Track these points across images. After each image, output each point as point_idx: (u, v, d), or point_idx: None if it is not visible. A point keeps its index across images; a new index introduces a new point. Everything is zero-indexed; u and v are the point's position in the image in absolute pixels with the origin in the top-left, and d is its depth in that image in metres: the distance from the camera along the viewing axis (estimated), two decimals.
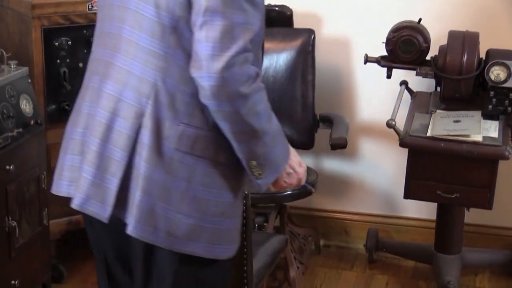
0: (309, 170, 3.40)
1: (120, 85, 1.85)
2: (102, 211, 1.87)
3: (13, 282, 2.96)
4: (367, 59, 3.33)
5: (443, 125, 3.02)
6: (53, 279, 3.32)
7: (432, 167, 3.00)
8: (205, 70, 1.73)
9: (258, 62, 1.90)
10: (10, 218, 2.93)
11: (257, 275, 2.44)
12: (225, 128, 1.80)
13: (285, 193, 3.24)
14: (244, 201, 2.18)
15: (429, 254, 3.41)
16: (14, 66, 3.04)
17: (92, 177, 1.87)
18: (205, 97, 1.77)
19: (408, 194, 3.06)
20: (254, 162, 1.85)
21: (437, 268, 3.33)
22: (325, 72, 3.65)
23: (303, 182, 2.03)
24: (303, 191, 3.26)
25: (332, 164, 3.80)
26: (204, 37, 1.73)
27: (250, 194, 2.21)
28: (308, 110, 3.47)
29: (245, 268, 2.27)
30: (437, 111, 3.16)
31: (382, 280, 3.56)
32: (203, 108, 1.81)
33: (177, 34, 1.79)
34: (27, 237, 3.04)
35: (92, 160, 1.87)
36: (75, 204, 1.91)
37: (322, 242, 3.83)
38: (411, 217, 3.75)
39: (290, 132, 3.48)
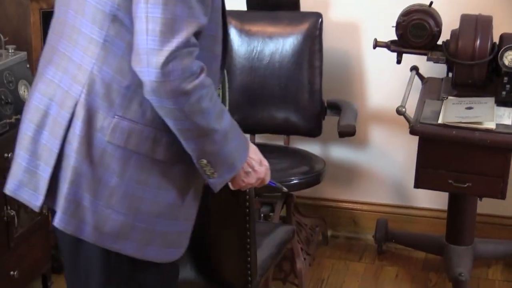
0: (316, 159, 3.44)
1: (61, 71, 1.84)
2: (34, 200, 1.87)
3: (12, 272, 2.96)
4: (376, 44, 3.32)
5: (455, 112, 3.01)
6: (53, 270, 3.32)
7: (443, 155, 2.99)
8: (145, 65, 1.69)
9: (215, 58, 1.86)
10: (8, 207, 2.92)
11: (262, 266, 2.43)
12: (170, 124, 1.76)
13: (292, 182, 3.23)
14: (248, 190, 2.18)
15: (440, 245, 3.41)
16: (12, 50, 3.03)
17: (26, 163, 1.87)
18: (146, 92, 1.73)
19: (418, 184, 3.05)
20: (204, 161, 1.81)
21: (449, 260, 3.33)
22: (333, 57, 3.64)
23: (266, 181, 2.00)
24: (311, 179, 3.26)
25: (340, 152, 3.79)
26: (144, 30, 1.69)
27: None
28: (315, 96, 3.46)
29: (249, 259, 2.27)
30: (449, 97, 3.15)
31: (391, 271, 3.56)
32: (141, 102, 1.77)
33: (118, 23, 1.76)
34: (26, 227, 3.03)
35: (27, 146, 1.87)
36: (8, 190, 1.91)
37: (329, 233, 3.83)
38: (421, 207, 3.75)
39: (297, 119, 3.48)
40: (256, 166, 1.94)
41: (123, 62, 1.76)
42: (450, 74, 3.26)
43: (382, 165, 3.76)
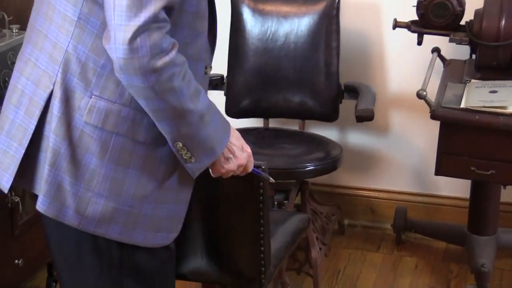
0: (332, 144, 3.43)
1: (37, 49, 1.85)
2: (4, 180, 1.88)
3: (16, 261, 2.98)
4: (396, 24, 3.30)
5: (478, 95, 2.99)
6: None
7: (465, 141, 2.97)
8: (113, 42, 1.68)
9: (198, 35, 1.84)
10: (13, 194, 2.93)
11: (276, 256, 2.43)
12: (142, 105, 1.76)
13: (307, 168, 3.23)
14: (261, 176, 2.16)
15: (461, 235, 3.40)
16: (16, 30, 3.03)
17: (1, 144, 1.89)
18: (116, 70, 1.72)
19: (439, 171, 3.04)
20: (179, 144, 1.80)
21: (471, 250, 3.32)
22: (350, 38, 3.62)
23: (249, 169, 1.98)
24: (327, 166, 3.25)
25: (357, 138, 3.79)
26: (112, 5, 1.67)
27: (268, 168, 2.19)
28: (332, 79, 3.45)
29: (262, 248, 2.26)
30: (472, 80, 3.13)
31: (410, 262, 3.56)
32: (118, 81, 1.76)
33: (92, 0, 1.76)
34: (31, 214, 3.04)
35: (2, 126, 1.89)
36: None
37: (346, 222, 3.83)
38: (442, 195, 3.75)
39: (313, 103, 3.47)
40: (237, 152, 1.92)
41: (98, 41, 1.76)
42: (474, 56, 3.24)
43: (401, 151, 3.76)
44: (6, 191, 1.91)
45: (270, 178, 2.11)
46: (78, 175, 1.81)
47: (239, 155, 1.93)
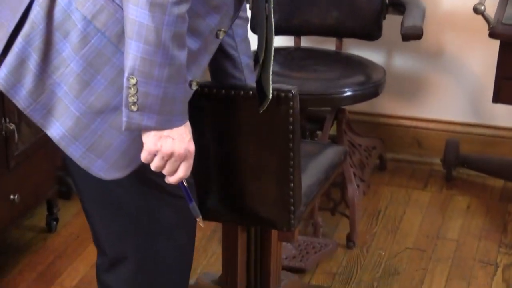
0: (374, 67, 3.41)
1: None
2: None
3: (12, 196, 2.99)
4: None
5: None
6: (59, 194, 3.37)
7: None
8: None
9: None
10: (7, 120, 2.93)
11: (307, 194, 2.43)
12: (125, 9, 1.80)
13: (344, 94, 3.20)
14: (291, 103, 2.15)
15: None
16: None
17: None
18: None
19: (498, 98, 3.05)
20: (133, 80, 1.81)
21: None
22: None
23: (181, 174, 1.91)
24: (367, 91, 3.24)
25: (403, 60, 3.78)
26: None
27: (299, 93, 2.17)
28: None
29: (291, 184, 2.25)
30: None
31: (462, 202, 3.56)
32: None
33: None
34: (28, 143, 3.05)
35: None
36: None
37: (388, 156, 3.84)
38: (500, 126, 3.76)
39: (352, 18, 3.45)
40: (186, 138, 1.90)
41: None
42: None
43: (454, 76, 3.75)
44: None
45: (199, 215, 2.01)
46: (46, 58, 1.90)
47: (180, 143, 1.89)
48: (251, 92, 2.14)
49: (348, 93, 3.22)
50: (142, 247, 2.06)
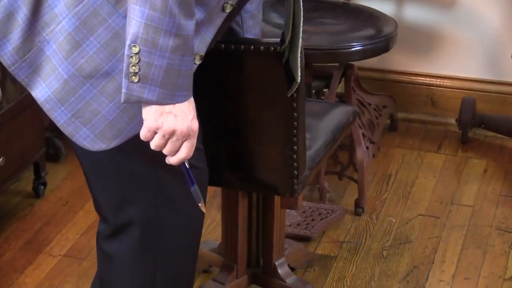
0: (385, 19, 3.39)
1: None
2: None
3: None
4: None
5: None
6: (47, 157, 3.38)
7: None
8: None
9: None
10: None
11: (312, 157, 2.44)
12: None
13: (352, 48, 3.19)
14: (299, 61, 2.12)
15: None
16: None
17: None
18: None
19: None
20: (136, 48, 1.79)
21: None
22: None
23: (183, 155, 1.89)
24: (378, 45, 3.22)
25: (416, 12, 3.78)
26: None
27: (305, 48, 2.15)
28: None
29: (295, 147, 2.25)
30: None
31: (479, 165, 3.57)
32: None
33: None
34: (14, 102, 3.05)
35: None
36: None
37: (400, 115, 3.85)
38: None
39: None
40: (189, 116, 1.87)
41: None
42: None
43: (470, 29, 3.75)
44: None
45: (201, 200, 1.99)
46: (37, 12, 1.89)
47: (183, 120, 1.86)
48: (252, 47, 2.13)
49: (357, 48, 3.21)
50: (148, 214, 2.05)
